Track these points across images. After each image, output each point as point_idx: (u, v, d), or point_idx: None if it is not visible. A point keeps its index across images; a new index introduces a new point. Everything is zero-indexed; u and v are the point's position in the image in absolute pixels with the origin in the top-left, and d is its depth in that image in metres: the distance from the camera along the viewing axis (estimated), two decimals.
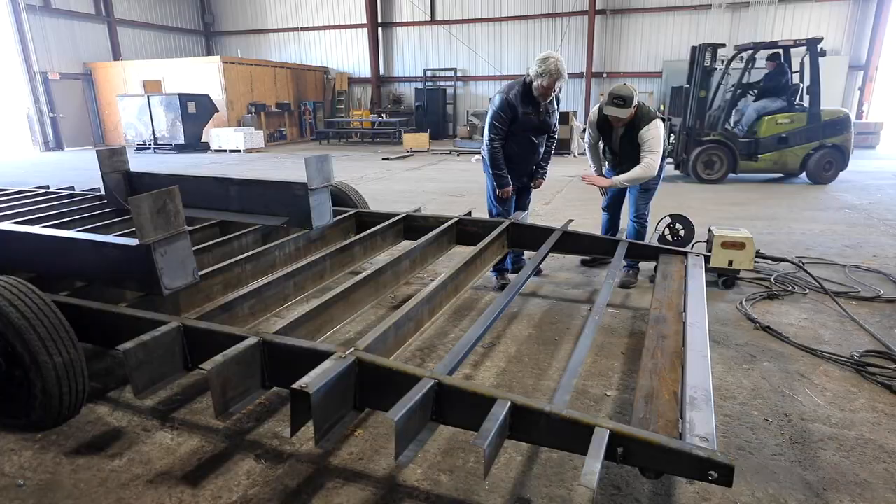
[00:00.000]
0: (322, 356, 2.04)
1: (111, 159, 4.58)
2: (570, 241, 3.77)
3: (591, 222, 6.49)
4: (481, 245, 3.43)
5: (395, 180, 10.28)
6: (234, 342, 2.17)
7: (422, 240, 3.58)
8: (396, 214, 4.26)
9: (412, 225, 4.24)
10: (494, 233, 3.69)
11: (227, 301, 2.71)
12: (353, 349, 2.06)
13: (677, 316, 2.68)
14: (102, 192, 4.77)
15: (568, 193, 8.61)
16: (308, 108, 20.70)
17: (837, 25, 16.56)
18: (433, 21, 20.55)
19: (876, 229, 6.09)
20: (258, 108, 18.14)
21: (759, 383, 2.83)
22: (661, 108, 18.00)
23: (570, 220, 3.97)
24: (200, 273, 2.96)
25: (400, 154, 14.83)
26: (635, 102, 3.94)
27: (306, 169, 3.65)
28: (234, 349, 2.07)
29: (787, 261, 4.09)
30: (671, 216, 4.41)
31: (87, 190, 5.36)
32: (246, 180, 4.25)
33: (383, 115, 20.10)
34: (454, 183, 9.50)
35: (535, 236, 3.88)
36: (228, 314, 2.68)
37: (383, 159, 13.79)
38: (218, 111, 16.81)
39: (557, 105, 4.21)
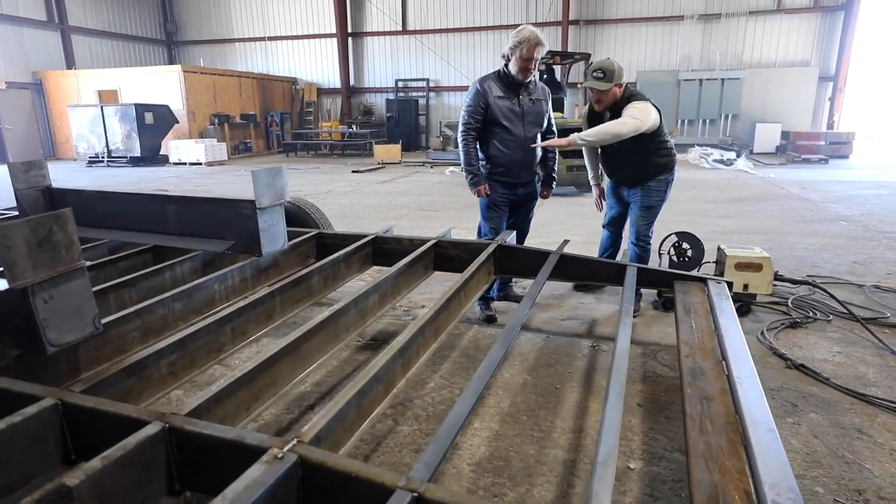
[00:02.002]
0: (251, 454, 1.42)
1: (27, 174, 3.86)
2: (568, 266, 3.21)
3: (580, 240, 5.98)
4: (466, 275, 2.85)
5: (364, 194, 9.66)
6: (129, 428, 1.54)
7: (394, 268, 2.98)
8: (364, 236, 3.66)
9: (382, 248, 3.64)
10: (480, 258, 3.11)
11: (140, 358, 2.07)
12: (295, 441, 1.45)
13: (717, 367, 2.13)
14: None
15: (551, 205, 8.11)
16: (275, 119, 19.95)
17: (807, 37, 16.65)
18: (404, 31, 20.10)
19: (879, 243, 5.72)
20: (222, 120, 17.33)
21: (813, 444, 2.30)
22: None
23: (567, 241, 3.43)
24: (115, 316, 2.33)
25: (371, 166, 14.22)
26: (620, 81, 3.47)
27: (254, 184, 3.02)
28: (121, 446, 1.44)
29: (810, 283, 3.62)
30: (677, 234, 3.90)
31: (2, 210, 4.61)
32: (186, 198, 3.58)
33: (353, 127, 19.48)
34: (428, 196, 8.94)
35: (526, 261, 3.32)
36: (138, 377, 2.03)
37: (353, 172, 13.16)
38: (178, 122, 15.94)
39: (548, 97, 3.71)
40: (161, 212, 3.58)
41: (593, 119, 3.70)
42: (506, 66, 3.51)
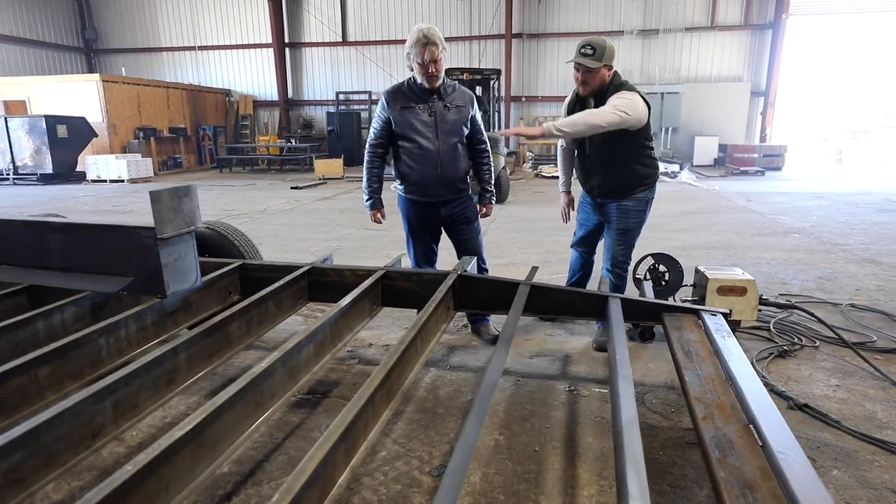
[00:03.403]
0: None
1: None
2: (541, 299, 2.74)
3: (537, 258, 5.59)
4: (423, 316, 2.32)
5: (304, 212, 8.98)
6: None
7: (333, 309, 2.42)
8: (298, 267, 3.07)
9: (320, 281, 3.06)
10: (438, 293, 2.59)
11: None
12: None
13: (746, 433, 1.70)
14: None
15: (504, 223, 7.72)
16: (208, 133, 18.81)
17: (739, 54, 17.26)
18: (345, 42, 19.51)
19: (837, 256, 5.62)
20: (147, 133, 16.12)
21: None
22: None
23: (536, 269, 2.97)
24: None
25: (311, 182, 13.49)
26: (610, 63, 3.08)
27: (153, 208, 2.40)
28: None
29: (797, 308, 3.32)
30: (653, 256, 3.53)
31: None
32: (73, 224, 2.87)
33: (292, 141, 18.64)
34: None
35: (492, 293, 2.83)
36: None
37: (292, 188, 12.40)
38: (97, 136, 14.65)
39: (471, 102, 3.29)
40: (41, 242, 2.87)
41: (576, 108, 3.30)
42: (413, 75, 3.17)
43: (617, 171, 3.23)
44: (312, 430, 2.49)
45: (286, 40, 19.69)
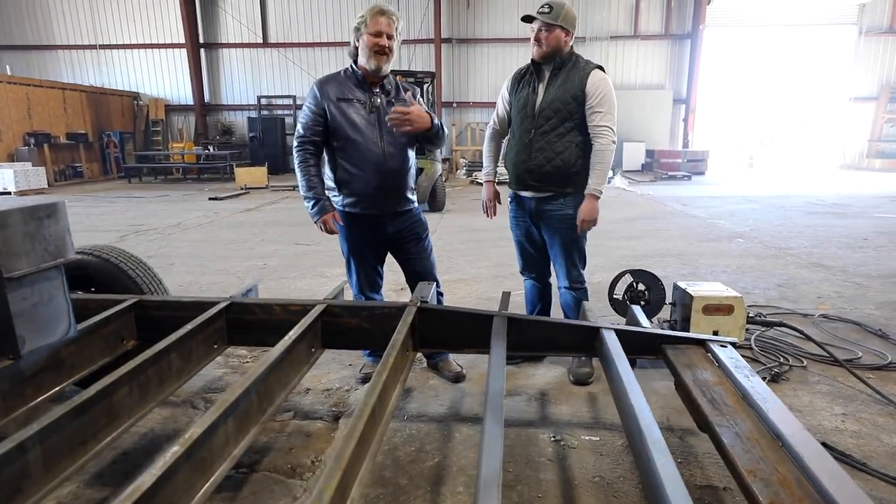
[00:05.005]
0: None
1: None
2: (519, 334, 2.26)
3: (488, 274, 5.14)
4: (383, 370, 1.77)
5: (224, 226, 8.10)
6: None
7: (259, 368, 1.82)
8: (213, 302, 2.42)
9: (243, 320, 2.43)
10: (397, 336, 2.05)
11: None
12: None
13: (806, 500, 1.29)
14: None
15: (446, 234, 7.25)
16: (113, 139, 17.13)
17: (661, 62, 17.81)
18: (266, 43, 18.45)
19: (786, 261, 5.55)
20: (40, 140, 14.39)
21: None
22: None
23: (508, 294, 2.49)
24: None
25: (232, 192, 12.46)
26: (568, 27, 2.75)
27: None
28: None
29: (785, 326, 3.04)
30: (632, 273, 3.15)
31: None
32: None
33: (210, 148, 17.33)
34: (303, 226, 7.57)
35: (460, 328, 2.32)
36: None
37: (210, 199, 11.35)
38: None
39: (422, 96, 2.83)
40: None
41: (524, 79, 2.93)
42: (354, 61, 2.69)
43: (565, 154, 2.82)
44: None
45: (201, 40, 18.37)
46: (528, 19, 2.78)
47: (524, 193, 2.97)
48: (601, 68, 2.83)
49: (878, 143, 18.54)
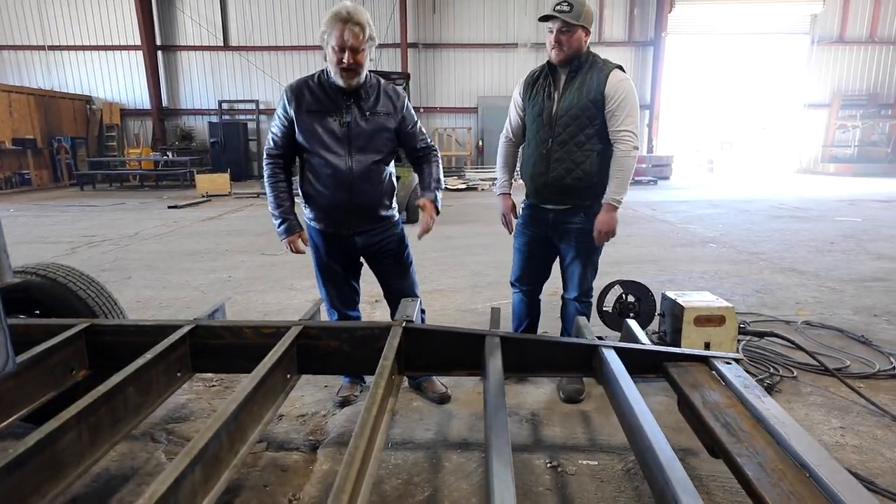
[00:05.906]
0: None
1: None
2: (509, 353, 2.11)
3: (465, 284, 4.99)
4: (372, 408, 1.59)
5: (185, 236, 7.73)
6: None
7: (234, 405, 1.61)
8: (176, 326, 2.18)
9: (209, 345, 2.20)
10: (388, 361, 1.86)
11: None
12: None
13: None
14: None
15: (420, 242, 7.05)
16: (64, 145, 16.34)
17: (625, 68, 18.01)
18: (227, 47, 17.94)
19: (759, 266, 5.58)
20: None
21: None
22: (480, 143, 17.84)
23: (498, 310, 2.33)
24: None
25: (192, 200, 11.99)
26: (588, 27, 2.58)
27: None
28: None
29: (777, 336, 2.97)
30: (621, 284, 3.04)
31: None
32: None
33: (169, 154, 16.72)
34: (268, 235, 7.29)
35: (449, 349, 2.15)
36: None
37: (170, 207, 10.88)
38: None
39: (399, 109, 2.56)
40: None
41: (537, 86, 2.73)
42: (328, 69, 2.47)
43: (588, 165, 2.66)
44: None
45: (158, 42, 17.73)
46: (545, 18, 2.57)
47: (544, 205, 2.80)
48: (621, 68, 2.64)
49: (832, 148, 19.26)
